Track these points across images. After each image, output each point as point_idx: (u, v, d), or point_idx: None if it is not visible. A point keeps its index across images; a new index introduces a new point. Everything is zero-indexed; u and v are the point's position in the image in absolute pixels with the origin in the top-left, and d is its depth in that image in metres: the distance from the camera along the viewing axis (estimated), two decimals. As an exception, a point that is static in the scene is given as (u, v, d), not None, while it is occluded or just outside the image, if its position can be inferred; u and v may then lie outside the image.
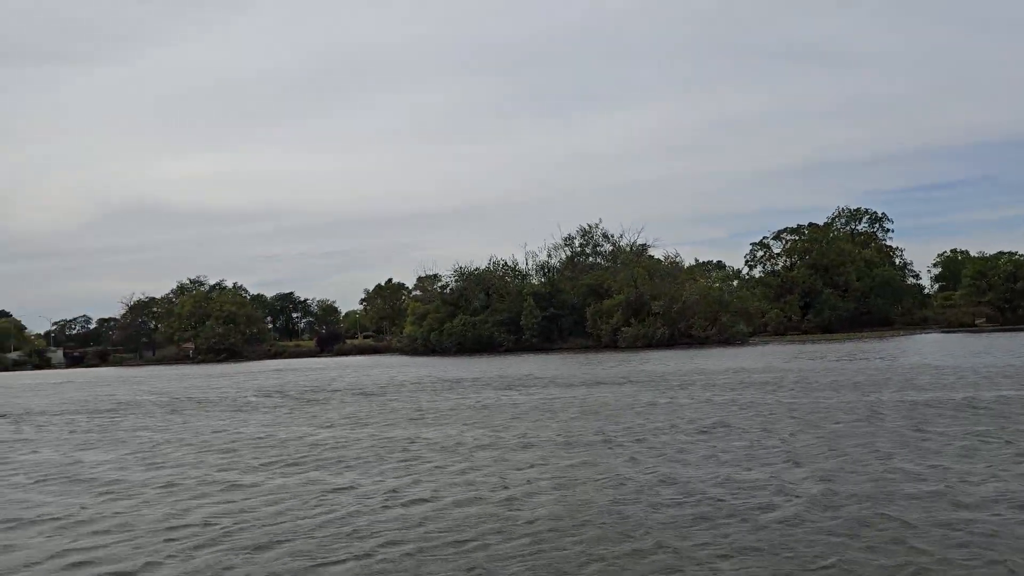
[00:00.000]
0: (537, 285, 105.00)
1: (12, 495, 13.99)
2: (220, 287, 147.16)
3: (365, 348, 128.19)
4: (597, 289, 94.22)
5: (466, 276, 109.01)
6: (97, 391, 49.44)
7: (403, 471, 14.52)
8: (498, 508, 11.16)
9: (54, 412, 33.35)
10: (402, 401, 30.48)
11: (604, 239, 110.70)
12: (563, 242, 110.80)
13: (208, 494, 13.14)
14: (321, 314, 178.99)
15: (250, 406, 31.65)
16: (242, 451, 18.33)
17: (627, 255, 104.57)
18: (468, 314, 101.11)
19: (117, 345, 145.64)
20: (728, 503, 10.79)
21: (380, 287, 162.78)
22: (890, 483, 11.59)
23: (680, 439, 16.91)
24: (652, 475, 13.00)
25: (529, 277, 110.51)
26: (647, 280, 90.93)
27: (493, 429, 20.25)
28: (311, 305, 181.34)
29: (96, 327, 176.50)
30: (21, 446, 21.59)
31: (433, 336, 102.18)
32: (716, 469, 13.29)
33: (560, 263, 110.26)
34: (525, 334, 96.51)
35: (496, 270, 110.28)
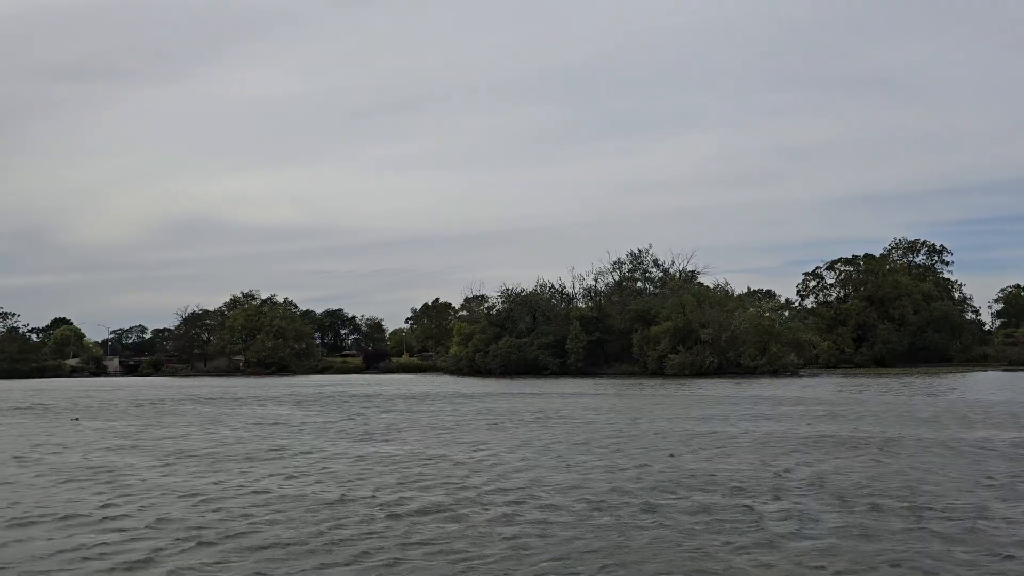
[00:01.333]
0: (584, 309, 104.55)
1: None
2: (271, 302, 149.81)
3: (410, 367, 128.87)
4: (645, 315, 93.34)
5: (513, 298, 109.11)
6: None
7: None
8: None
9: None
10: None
11: (654, 265, 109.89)
12: (612, 266, 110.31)
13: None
14: (368, 331, 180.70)
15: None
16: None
17: (676, 282, 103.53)
18: (514, 336, 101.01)
19: (171, 355, 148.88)
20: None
21: (427, 306, 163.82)
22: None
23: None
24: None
25: (576, 301, 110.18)
26: (696, 307, 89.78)
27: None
28: (359, 322, 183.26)
29: (151, 337, 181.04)
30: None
31: (478, 357, 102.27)
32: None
33: (608, 288, 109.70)
34: (570, 358, 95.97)
35: (543, 293, 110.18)
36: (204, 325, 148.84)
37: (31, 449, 22.68)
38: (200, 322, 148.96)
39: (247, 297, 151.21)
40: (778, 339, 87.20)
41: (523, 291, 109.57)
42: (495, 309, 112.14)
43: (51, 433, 27.96)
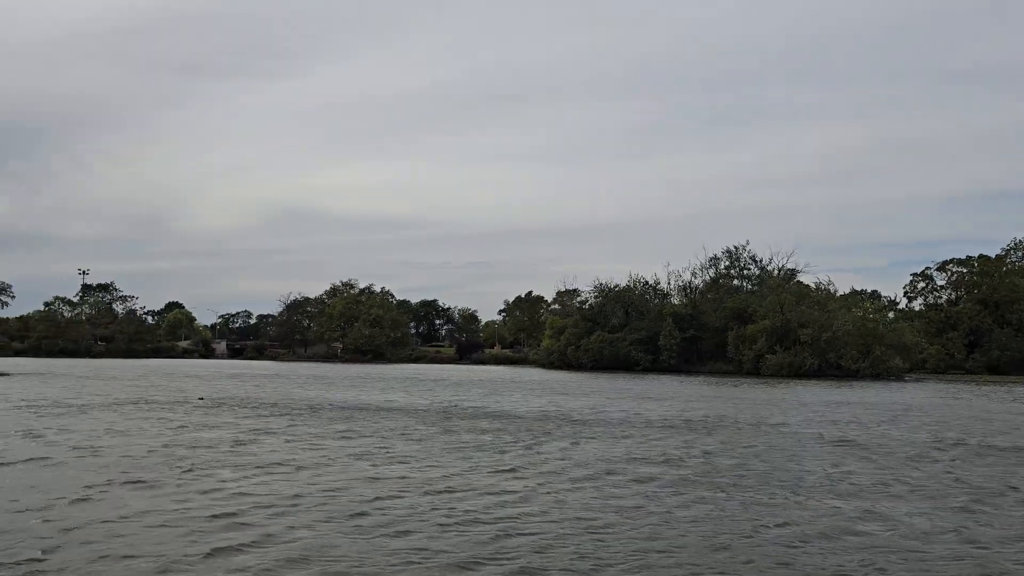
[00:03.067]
0: (678, 305, 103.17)
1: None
2: (369, 291, 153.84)
3: (502, 359, 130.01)
4: (741, 313, 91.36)
5: (606, 293, 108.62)
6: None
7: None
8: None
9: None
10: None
11: (751, 262, 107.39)
12: (707, 263, 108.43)
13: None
14: (462, 322, 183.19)
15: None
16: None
17: (775, 280, 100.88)
18: (606, 331, 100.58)
19: (274, 340, 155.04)
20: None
21: (520, 299, 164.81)
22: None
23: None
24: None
25: (670, 297, 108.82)
26: (795, 307, 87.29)
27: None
28: (453, 313, 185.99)
29: (256, 322, 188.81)
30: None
31: (570, 351, 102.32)
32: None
33: (703, 284, 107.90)
34: (663, 355, 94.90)
35: (636, 288, 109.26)
36: (305, 312, 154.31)
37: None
38: (301, 309, 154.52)
39: (346, 286, 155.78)
40: (882, 341, 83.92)
41: (616, 286, 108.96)
42: (587, 303, 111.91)
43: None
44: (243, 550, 9.96)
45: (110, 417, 27.02)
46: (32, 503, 12.49)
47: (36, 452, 18.27)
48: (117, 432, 22.59)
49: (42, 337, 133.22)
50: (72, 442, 20.11)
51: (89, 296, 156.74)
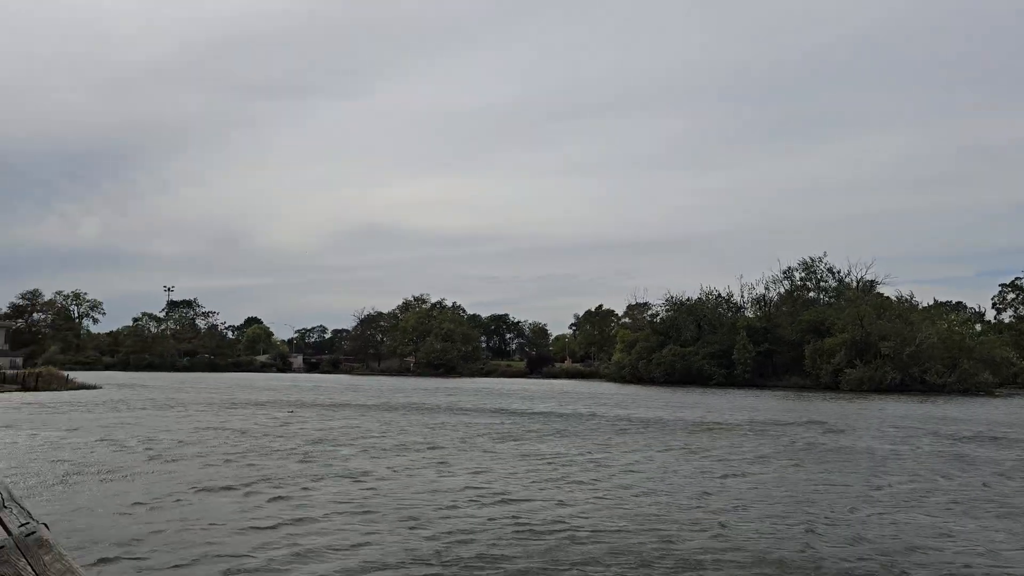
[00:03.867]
0: (752, 319, 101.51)
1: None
2: (440, 305, 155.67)
3: (573, 372, 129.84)
4: (818, 326, 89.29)
5: (677, 306, 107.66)
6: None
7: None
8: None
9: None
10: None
11: (828, 274, 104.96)
12: (782, 275, 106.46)
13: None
14: (532, 336, 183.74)
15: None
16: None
17: (853, 292, 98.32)
18: (678, 345, 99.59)
19: (348, 354, 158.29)
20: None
21: (590, 313, 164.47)
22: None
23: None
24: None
25: (744, 310, 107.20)
26: (875, 319, 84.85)
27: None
28: (523, 327, 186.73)
29: (331, 337, 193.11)
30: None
31: (642, 365, 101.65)
32: None
33: (778, 297, 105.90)
34: (737, 369, 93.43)
35: (709, 301, 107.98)
36: (378, 326, 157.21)
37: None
38: (374, 323, 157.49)
39: (418, 300, 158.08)
40: (971, 355, 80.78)
41: (688, 299, 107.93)
42: (659, 317, 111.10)
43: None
44: (324, 556, 10.48)
45: (217, 421, 28.31)
46: (156, 501, 13.33)
47: (158, 455, 19.36)
48: (225, 437, 23.68)
49: (130, 352, 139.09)
50: (179, 446, 21.21)
51: (174, 312, 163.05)
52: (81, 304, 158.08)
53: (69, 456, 19.80)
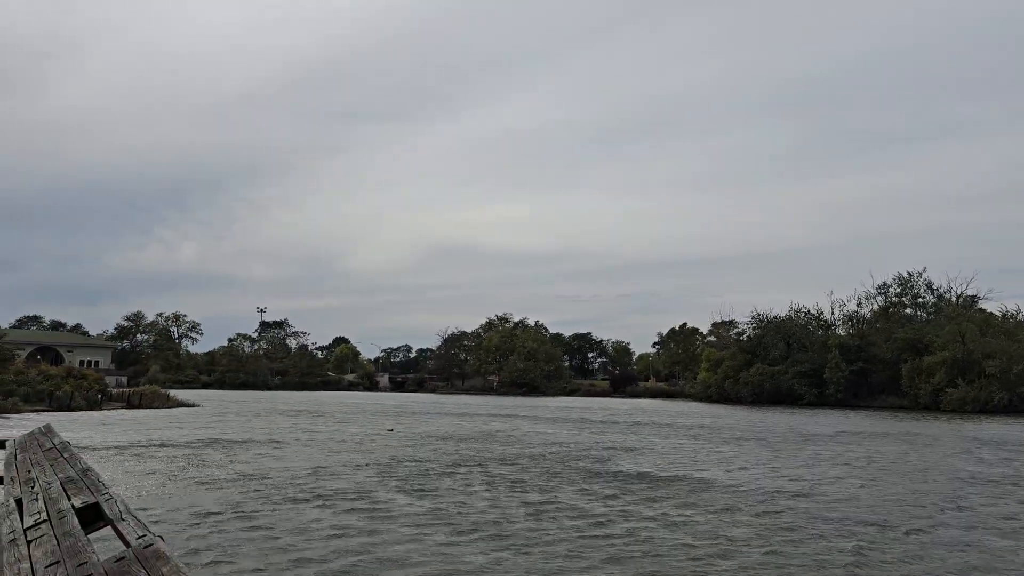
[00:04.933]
0: (844, 336, 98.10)
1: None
2: (523, 324, 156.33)
3: (657, 392, 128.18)
4: (915, 344, 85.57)
5: (765, 323, 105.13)
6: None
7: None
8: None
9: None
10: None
11: (926, 289, 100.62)
12: (876, 291, 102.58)
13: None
14: (615, 355, 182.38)
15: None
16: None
17: (953, 308, 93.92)
18: (766, 363, 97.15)
19: (432, 373, 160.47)
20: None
21: (674, 331, 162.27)
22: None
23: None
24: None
25: (835, 327, 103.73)
26: (978, 336, 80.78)
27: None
28: (606, 346, 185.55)
29: (416, 356, 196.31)
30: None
31: (728, 384, 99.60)
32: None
33: (872, 314, 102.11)
34: (829, 388, 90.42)
35: (798, 318, 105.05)
36: (462, 345, 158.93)
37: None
38: (458, 343, 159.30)
39: (501, 320, 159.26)
40: (1086, 374, 75.93)
41: (775, 316, 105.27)
42: (745, 335, 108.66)
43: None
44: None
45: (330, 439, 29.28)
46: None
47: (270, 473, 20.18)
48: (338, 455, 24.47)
49: (226, 371, 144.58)
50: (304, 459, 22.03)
51: (266, 332, 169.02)
52: (181, 325, 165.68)
53: (170, 469, 20.81)
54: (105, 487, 4.46)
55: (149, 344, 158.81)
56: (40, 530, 4.15)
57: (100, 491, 4.42)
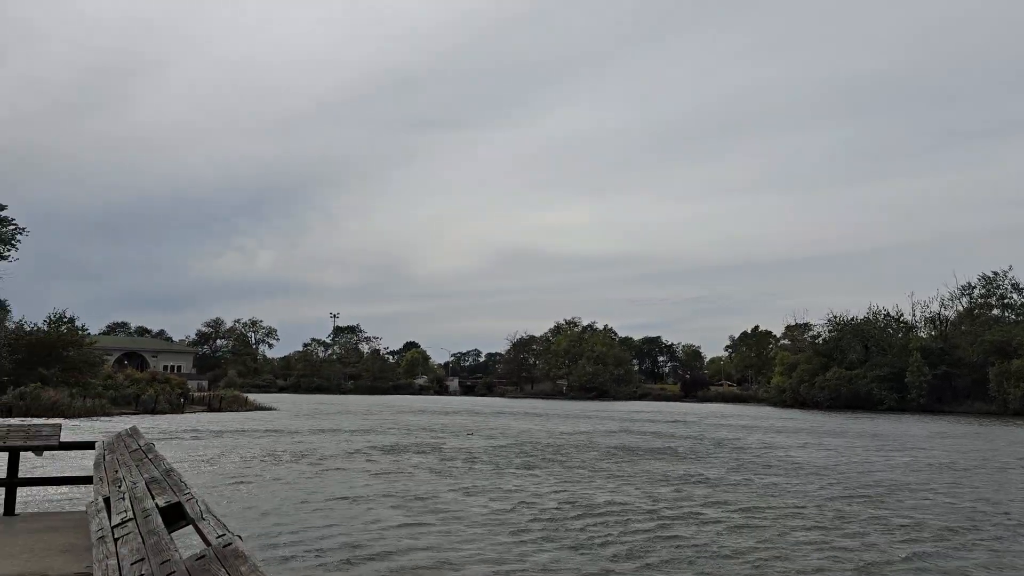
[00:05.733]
0: (926, 339, 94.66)
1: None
2: (592, 328, 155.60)
3: (729, 396, 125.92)
4: (1004, 347, 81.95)
5: (841, 326, 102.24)
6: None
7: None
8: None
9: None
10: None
11: (1013, 289, 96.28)
12: (960, 291, 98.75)
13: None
14: (685, 359, 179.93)
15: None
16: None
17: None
18: (843, 367, 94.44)
19: (501, 377, 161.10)
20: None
21: (746, 334, 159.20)
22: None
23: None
24: None
25: (916, 330, 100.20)
26: (1071, 339, 76.96)
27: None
28: (676, 349, 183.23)
29: (485, 360, 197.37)
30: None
31: (803, 388, 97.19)
32: None
33: (956, 315, 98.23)
34: (911, 393, 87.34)
35: (877, 321, 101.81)
36: (531, 350, 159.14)
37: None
38: (527, 347, 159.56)
39: (570, 324, 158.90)
40: None
41: (853, 319, 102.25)
42: (821, 338, 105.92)
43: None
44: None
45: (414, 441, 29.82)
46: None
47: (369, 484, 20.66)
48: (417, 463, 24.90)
49: (301, 375, 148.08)
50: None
51: (339, 337, 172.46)
52: (257, 331, 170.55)
53: (248, 470, 21.44)
54: (187, 487, 4.64)
55: (228, 349, 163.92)
56: (126, 528, 4.34)
57: (182, 491, 4.59)
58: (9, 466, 9.88)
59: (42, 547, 7.42)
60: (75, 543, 7.60)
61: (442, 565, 11.09)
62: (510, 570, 10.90)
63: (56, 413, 45.85)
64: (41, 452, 10.23)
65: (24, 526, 8.63)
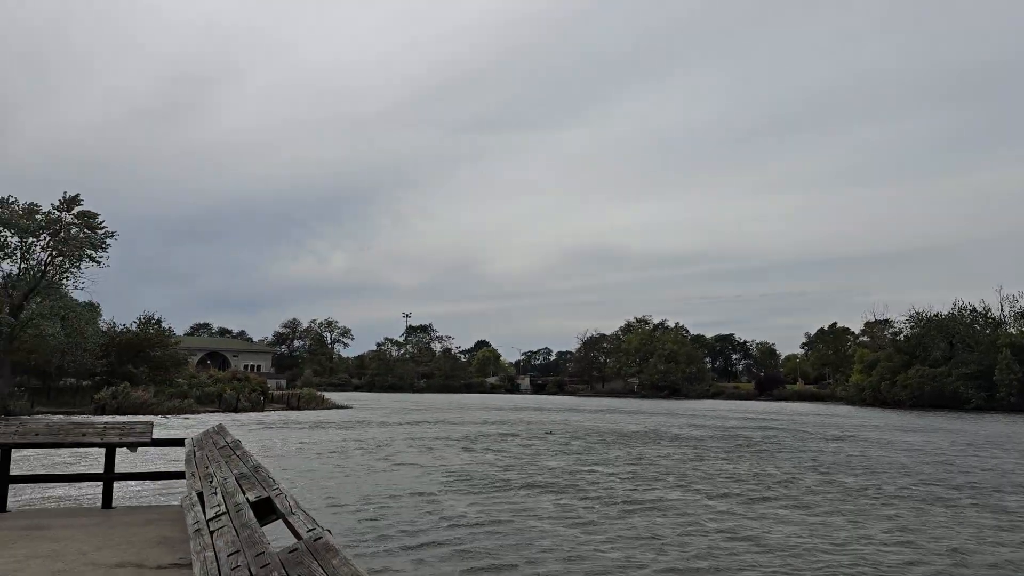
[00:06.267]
0: (1017, 335, 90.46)
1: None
2: (663, 326, 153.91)
3: (806, 395, 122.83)
4: (1102, 342, 77.86)
5: (924, 322, 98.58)
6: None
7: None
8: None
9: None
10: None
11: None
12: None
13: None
14: (759, 357, 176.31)
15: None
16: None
17: None
18: (927, 364, 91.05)
19: (573, 376, 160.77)
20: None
21: (823, 331, 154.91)
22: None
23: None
24: None
25: (1005, 325, 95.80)
26: None
27: None
28: (750, 347, 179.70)
29: (555, 359, 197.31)
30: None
31: (884, 386, 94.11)
32: None
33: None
34: (1000, 391, 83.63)
35: (962, 316, 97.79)
36: (601, 348, 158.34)
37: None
38: (598, 345, 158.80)
39: (640, 322, 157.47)
40: None
41: (937, 314, 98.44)
42: (902, 335, 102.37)
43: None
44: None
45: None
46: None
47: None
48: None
49: (375, 374, 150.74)
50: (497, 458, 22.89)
51: (412, 337, 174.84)
52: (333, 331, 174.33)
53: (328, 465, 22.00)
54: (275, 483, 4.84)
55: (305, 349, 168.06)
56: (220, 521, 4.56)
57: (271, 486, 4.78)
58: (106, 461, 10.41)
59: (139, 539, 7.81)
60: (168, 535, 7.98)
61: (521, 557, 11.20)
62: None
63: (145, 411, 47.88)
64: (135, 448, 10.76)
65: (120, 519, 9.08)
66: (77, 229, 54.95)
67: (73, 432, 10.49)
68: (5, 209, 52.83)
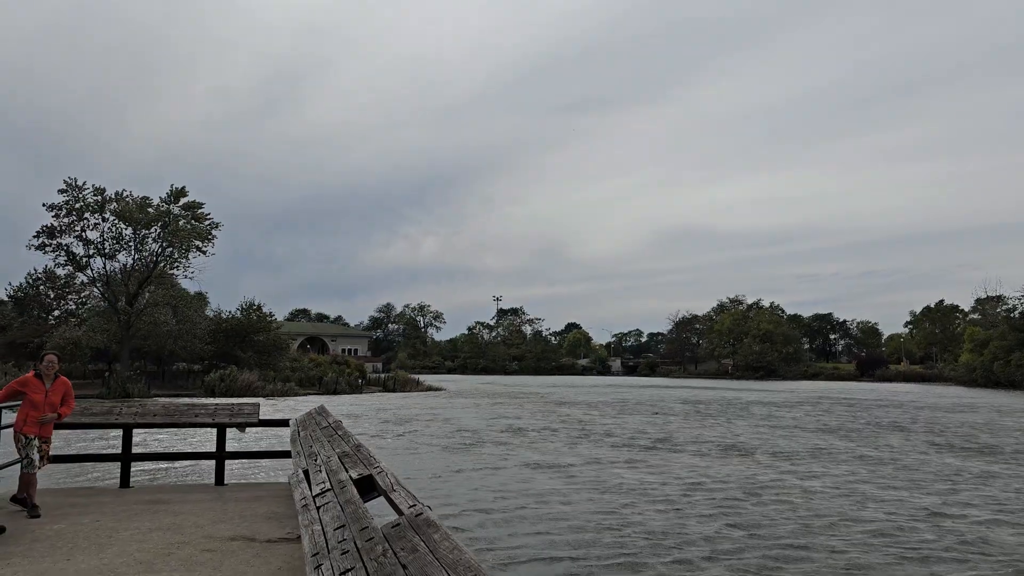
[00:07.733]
0: None
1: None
2: (757, 306, 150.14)
3: (911, 375, 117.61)
4: None
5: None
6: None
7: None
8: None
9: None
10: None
11: None
12: None
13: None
14: (861, 336, 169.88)
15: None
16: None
17: None
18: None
19: (664, 357, 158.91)
20: None
21: (929, 309, 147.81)
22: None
23: None
24: None
25: None
26: None
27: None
28: (850, 327, 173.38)
29: (647, 340, 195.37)
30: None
31: (997, 366, 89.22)
32: None
33: None
34: None
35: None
36: (694, 329, 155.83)
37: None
38: (690, 326, 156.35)
39: (733, 302, 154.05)
40: None
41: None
42: (1017, 311, 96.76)
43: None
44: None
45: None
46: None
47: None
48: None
49: (467, 357, 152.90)
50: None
51: (503, 319, 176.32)
52: (425, 315, 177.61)
53: (425, 444, 22.56)
54: (376, 461, 5.03)
55: (399, 333, 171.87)
56: (326, 497, 4.79)
57: (372, 464, 4.99)
58: (218, 441, 10.99)
59: (250, 514, 8.25)
60: (276, 511, 8.39)
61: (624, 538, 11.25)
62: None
63: (250, 393, 50.09)
64: (244, 428, 11.32)
65: (232, 495, 9.59)
66: (184, 220, 57.69)
67: (187, 413, 11.11)
68: (120, 203, 55.93)
